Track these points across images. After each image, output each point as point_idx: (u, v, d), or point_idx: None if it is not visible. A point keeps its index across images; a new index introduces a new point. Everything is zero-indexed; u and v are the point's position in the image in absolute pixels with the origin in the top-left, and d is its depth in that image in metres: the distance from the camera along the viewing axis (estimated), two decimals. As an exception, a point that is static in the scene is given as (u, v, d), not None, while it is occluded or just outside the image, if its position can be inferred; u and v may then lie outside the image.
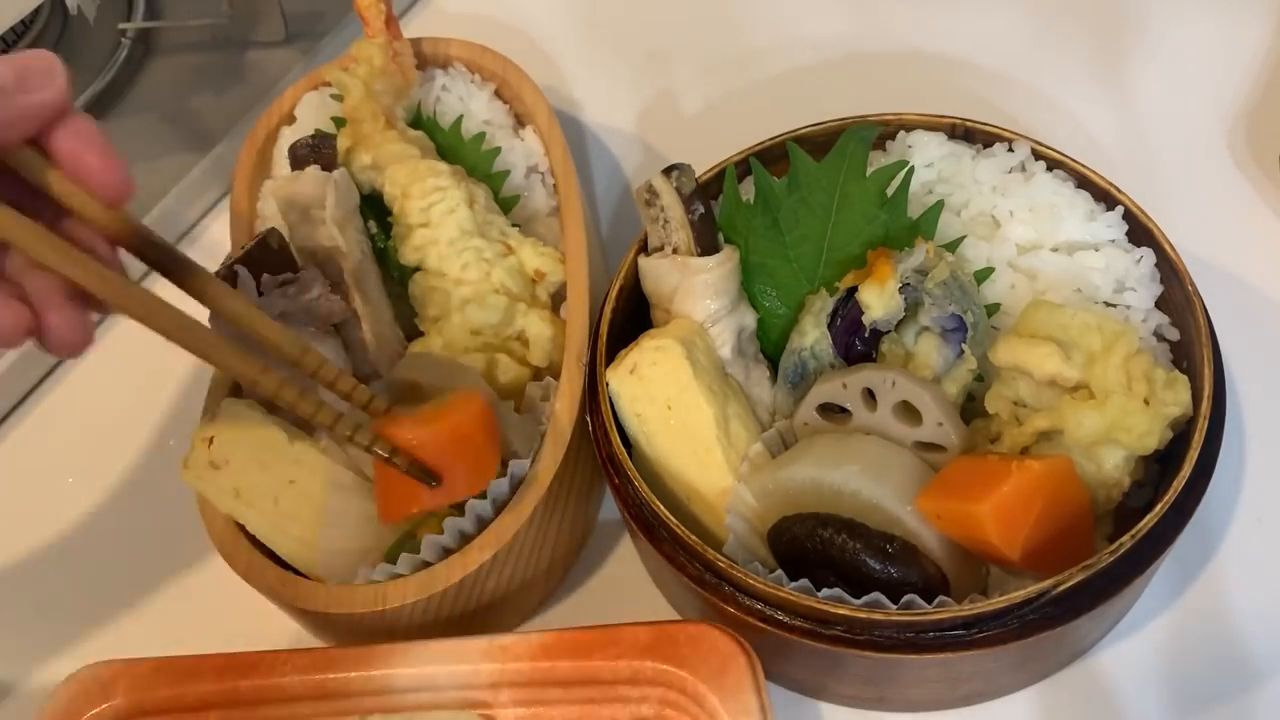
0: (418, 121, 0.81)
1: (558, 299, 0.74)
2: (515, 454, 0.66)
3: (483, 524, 0.65)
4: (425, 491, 0.61)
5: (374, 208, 0.76)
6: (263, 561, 0.66)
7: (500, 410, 0.66)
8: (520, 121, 0.83)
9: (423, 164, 0.74)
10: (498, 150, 0.80)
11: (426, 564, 0.64)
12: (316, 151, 0.75)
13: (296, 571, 0.66)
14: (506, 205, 0.79)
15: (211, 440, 0.65)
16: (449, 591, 0.63)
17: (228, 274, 0.68)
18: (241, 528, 0.66)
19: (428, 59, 0.84)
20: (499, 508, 0.65)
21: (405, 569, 0.64)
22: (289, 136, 0.83)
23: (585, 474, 0.71)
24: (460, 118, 0.80)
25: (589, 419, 0.68)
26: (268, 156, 0.84)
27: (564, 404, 0.67)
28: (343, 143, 0.75)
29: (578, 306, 0.71)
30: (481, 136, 0.80)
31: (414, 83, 0.80)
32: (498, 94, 0.84)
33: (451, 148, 0.80)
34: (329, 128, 0.81)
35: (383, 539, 0.66)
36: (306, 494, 0.64)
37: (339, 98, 0.77)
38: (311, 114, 0.83)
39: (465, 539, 0.65)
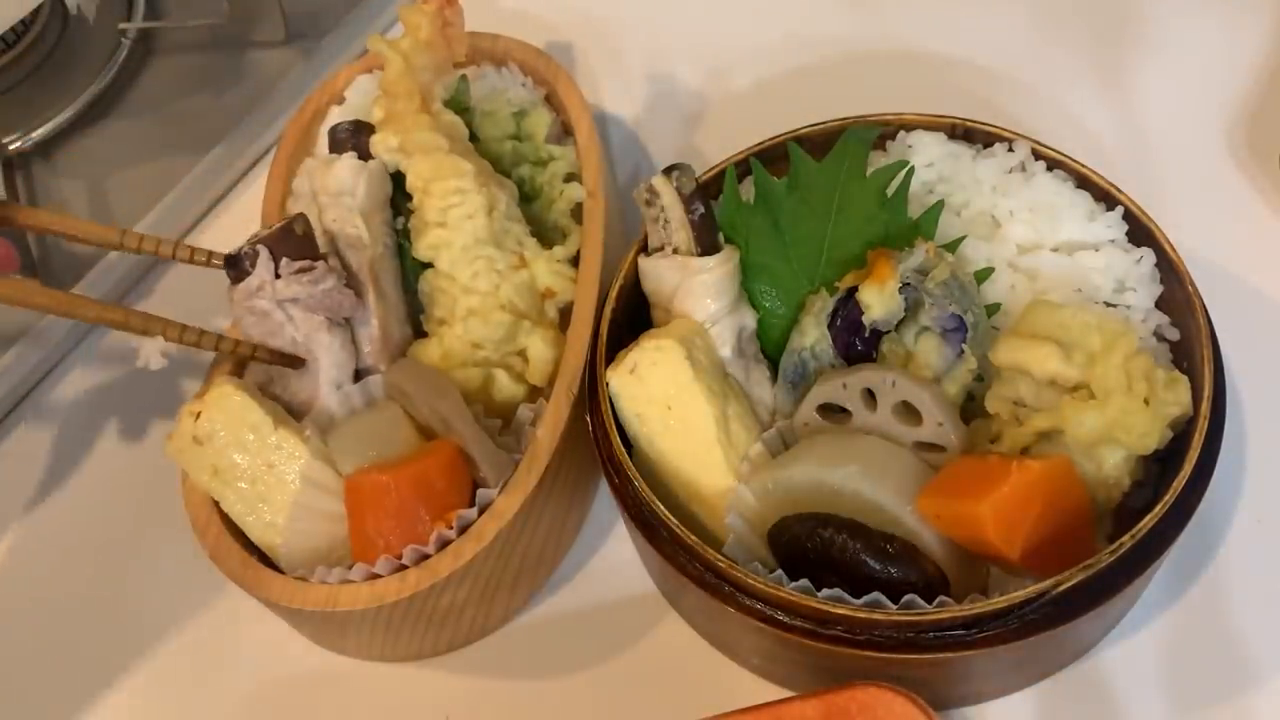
0: (459, 102, 0.77)
1: (566, 314, 0.73)
2: (485, 482, 0.66)
3: (444, 544, 0.65)
4: (395, 536, 0.64)
5: (402, 191, 0.74)
6: (230, 543, 0.66)
7: (478, 436, 0.66)
8: (565, 130, 0.82)
9: (447, 161, 0.71)
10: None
11: (377, 575, 0.64)
12: (355, 137, 0.74)
13: (264, 557, 0.67)
14: (545, 201, 0.77)
15: (198, 416, 0.66)
16: (400, 604, 0.64)
17: (250, 251, 0.68)
18: (218, 508, 0.67)
19: (483, 53, 0.83)
20: (463, 531, 0.65)
21: (358, 576, 0.64)
22: (336, 116, 0.82)
23: (564, 496, 0.71)
24: (503, 112, 0.79)
25: (589, 419, 0.68)
26: (312, 134, 0.83)
27: (546, 432, 0.67)
28: (376, 113, 0.74)
29: (579, 335, 0.70)
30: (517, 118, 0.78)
31: (461, 56, 0.78)
32: (547, 100, 0.82)
33: (486, 140, 0.78)
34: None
35: (348, 541, 0.66)
36: (282, 481, 0.65)
37: None
38: (363, 97, 0.82)
39: (422, 557, 0.65)
